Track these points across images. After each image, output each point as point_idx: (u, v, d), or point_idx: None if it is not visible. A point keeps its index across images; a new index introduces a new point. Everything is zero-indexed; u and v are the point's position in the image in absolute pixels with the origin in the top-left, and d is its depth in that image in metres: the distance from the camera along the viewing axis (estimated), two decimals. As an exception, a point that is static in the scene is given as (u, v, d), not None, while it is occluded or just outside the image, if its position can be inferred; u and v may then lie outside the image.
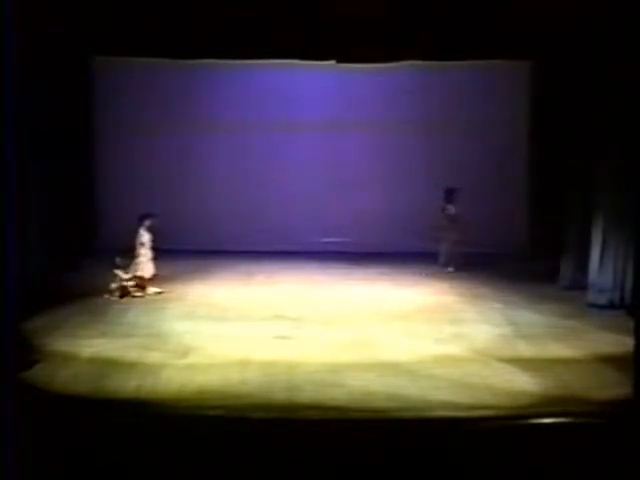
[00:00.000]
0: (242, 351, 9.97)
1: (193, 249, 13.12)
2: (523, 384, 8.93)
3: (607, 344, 10.30)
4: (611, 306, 12.00)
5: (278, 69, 15.46)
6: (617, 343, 10.09)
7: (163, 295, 12.81)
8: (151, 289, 12.81)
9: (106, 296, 12.51)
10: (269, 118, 16.28)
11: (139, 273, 12.79)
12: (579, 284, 12.83)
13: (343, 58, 13.45)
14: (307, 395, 8.52)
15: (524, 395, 8.59)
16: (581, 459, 7.00)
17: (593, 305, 12.21)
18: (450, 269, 14.83)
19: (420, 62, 14.03)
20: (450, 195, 15.21)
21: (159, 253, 13.08)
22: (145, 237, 12.92)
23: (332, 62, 13.77)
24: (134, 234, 12.89)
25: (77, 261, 14.42)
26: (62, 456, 6.84)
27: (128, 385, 8.75)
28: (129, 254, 12.84)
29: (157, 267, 12.94)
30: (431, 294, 13.22)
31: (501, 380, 9.05)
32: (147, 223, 12.98)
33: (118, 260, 12.73)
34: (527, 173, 16.39)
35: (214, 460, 6.94)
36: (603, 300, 12.15)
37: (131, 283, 12.68)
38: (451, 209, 15.13)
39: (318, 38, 12.41)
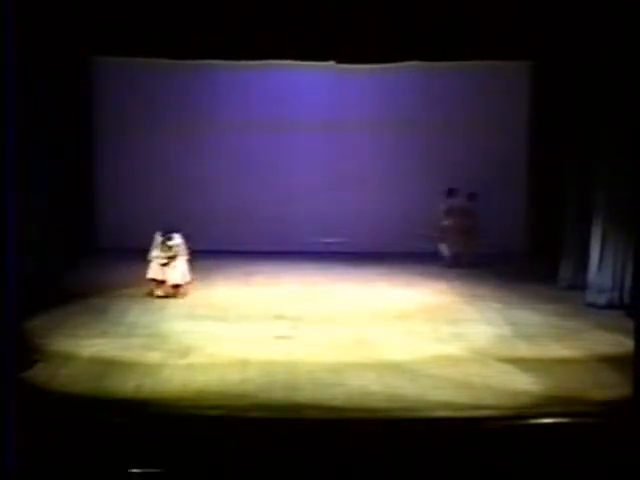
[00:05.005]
0: (242, 351, 9.97)
1: (193, 249, 13.09)
2: (523, 384, 8.93)
3: (606, 344, 10.31)
4: (610, 306, 12.00)
5: (278, 69, 15.45)
6: (616, 343, 10.11)
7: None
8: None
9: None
10: (269, 118, 16.27)
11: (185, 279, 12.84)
12: (578, 284, 12.83)
13: (343, 59, 13.43)
14: (307, 395, 8.52)
15: (524, 395, 8.59)
16: (580, 459, 7.00)
17: (592, 305, 12.21)
18: (461, 268, 14.88)
19: (420, 63, 14.01)
20: (451, 195, 15.27)
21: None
22: (178, 244, 12.84)
23: (332, 63, 13.76)
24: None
25: (77, 261, 14.43)
26: (62, 456, 6.85)
27: (128, 385, 8.75)
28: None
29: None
30: (431, 294, 13.22)
31: (501, 380, 9.05)
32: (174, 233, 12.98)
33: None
34: (527, 173, 16.41)
35: (214, 460, 6.95)
36: (602, 300, 12.15)
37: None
38: (452, 206, 15.24)
39: (318, 39, 12.40)
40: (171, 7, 12.00)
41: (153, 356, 9.77)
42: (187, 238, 12.92)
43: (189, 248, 12.90)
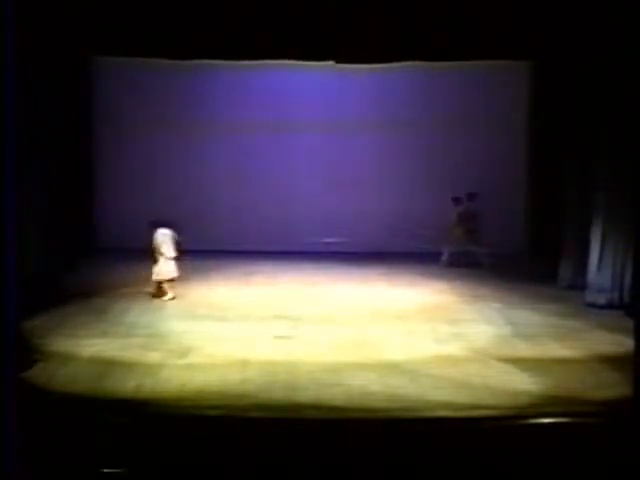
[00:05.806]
0: (242, 351, 9.98)
1: (193, 249, 13.11)
2: (522, 384, 8.94)
3: (606, 344, 10.32)
4: (610, 306, 12.01)
5: (278, 69, 15.46)
6: (616, 343, 10.12)
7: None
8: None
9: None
10: (269, 118, 16.30)
11: (158, 277, 12.69)
12: (578, 284, 12.84)
13: (343, 59, 13.44)
14: (307, 395, 8.53)
15: (524, 395, 8.60)
16: (580, 459, 7.00)
17: (592, 305, 12.23)
18: (461, 268, 14.88)
19: (420, 63, 14.01)
20: (457, 203, 15.34)
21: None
22: (157, 240, 12.67)
23: (332, 63, 13.76)
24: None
25: (77, 261, 14.43)
26: (62, 456, 6.85)
27: (128, 385, 8.76)
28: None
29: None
30: (431, 294, 13.23)
31: (501, 380, 9.06)
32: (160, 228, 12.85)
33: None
34: (527, 173, 16.41)
35: (214, 460, 6.95)
36: (602, 300, 12.17)
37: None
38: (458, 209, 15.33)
39: (318, 39, 12.40)
40: (171, 7, 12.00)
41: (153, 356, 9.78)
42: (178, 234, 12.72)
43: (178, 245, 12.69)
